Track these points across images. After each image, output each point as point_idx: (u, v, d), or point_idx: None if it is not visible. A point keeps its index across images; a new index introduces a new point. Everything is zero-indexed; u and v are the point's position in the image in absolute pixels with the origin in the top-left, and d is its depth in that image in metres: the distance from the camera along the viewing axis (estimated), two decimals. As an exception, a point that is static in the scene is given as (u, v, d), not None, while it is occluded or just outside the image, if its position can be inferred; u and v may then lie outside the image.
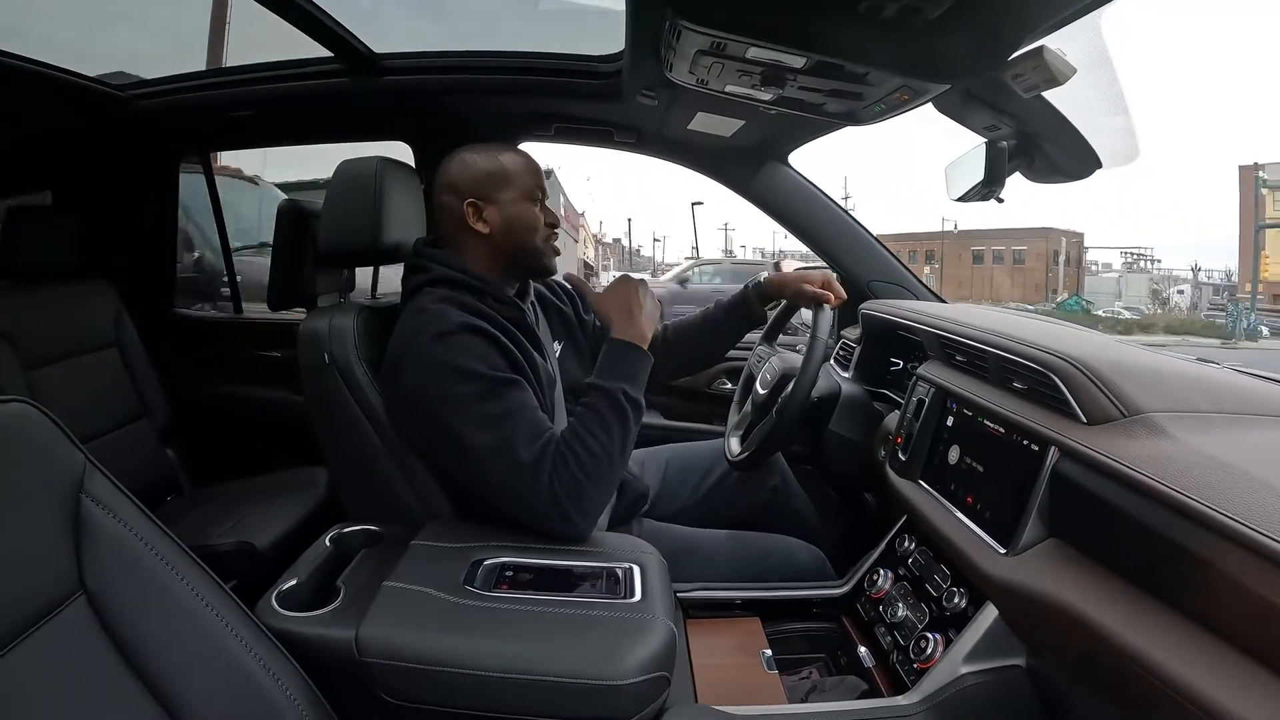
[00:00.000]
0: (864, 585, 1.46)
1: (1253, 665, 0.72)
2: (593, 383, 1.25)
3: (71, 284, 2.14)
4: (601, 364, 1.27)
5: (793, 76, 1.25)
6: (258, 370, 2.52)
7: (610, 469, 1.19)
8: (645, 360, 1.29)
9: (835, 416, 1.66)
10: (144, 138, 2.35)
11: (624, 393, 1.22)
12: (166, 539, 0.79)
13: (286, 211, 1.59)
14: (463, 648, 0.95)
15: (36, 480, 0.71)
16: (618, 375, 1.24)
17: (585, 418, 1.21)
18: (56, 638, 0.68)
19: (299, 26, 1.63)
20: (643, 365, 1.28)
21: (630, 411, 1.22)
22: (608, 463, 1.19)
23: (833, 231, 2.15)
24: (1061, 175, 1.43)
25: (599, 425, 1.20)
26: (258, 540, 1.80)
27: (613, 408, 1.21)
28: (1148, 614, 0.84)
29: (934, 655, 1.18)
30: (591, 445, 1.17)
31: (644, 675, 0.92)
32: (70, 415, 0.78)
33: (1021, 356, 1.19)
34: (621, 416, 1.21)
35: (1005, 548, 1.09)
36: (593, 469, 1.17)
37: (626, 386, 1.23)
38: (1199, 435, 0.95)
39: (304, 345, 1.33)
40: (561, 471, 1.15)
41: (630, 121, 2.04)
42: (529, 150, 1.42)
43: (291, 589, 1.09)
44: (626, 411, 1.22)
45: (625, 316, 1.32)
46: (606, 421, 1.20)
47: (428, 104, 2.07)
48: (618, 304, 1.34)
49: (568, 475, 1.15)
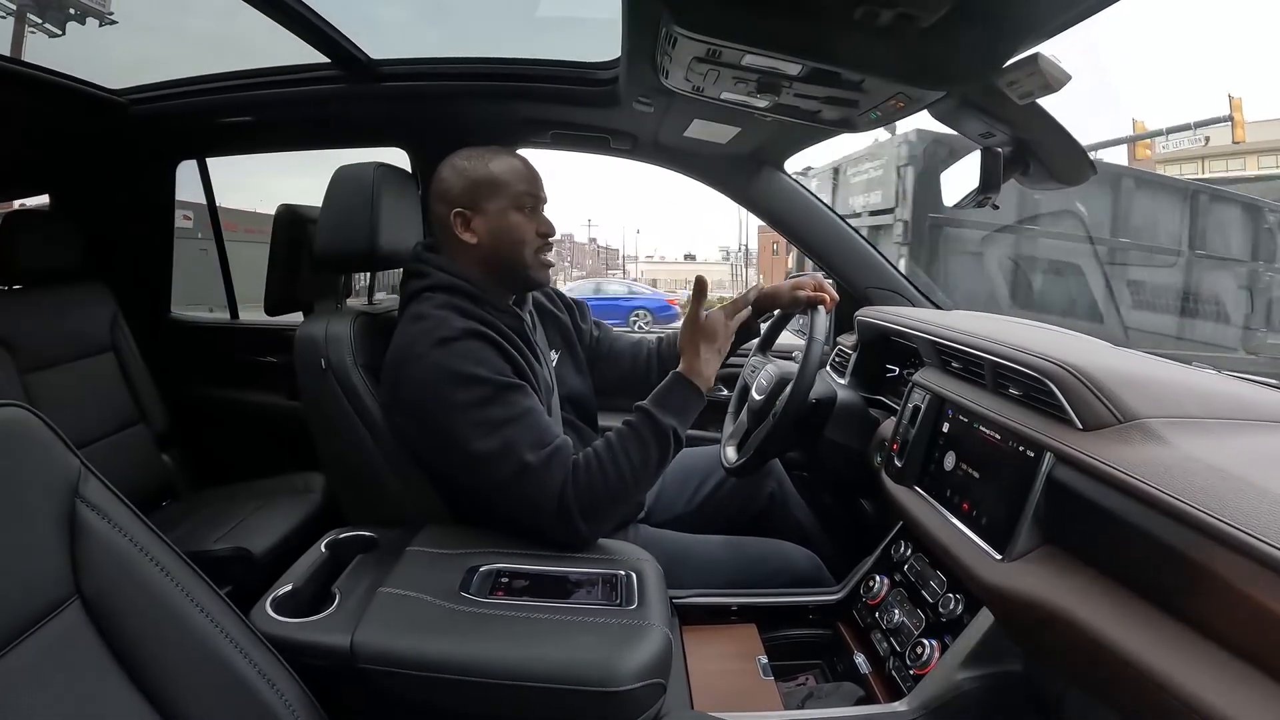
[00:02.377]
0: (860, 591, 1.46)
1: (1247, 669, 0.72)
2: (647, 409, 1.26)
3: (68, 288, 2.14)
4: (662, 394, 1.29)
5: (788, 84, 1.26)
6: (254, 376, 2.52)
7: (634, 492, 1.22)
8: (701, 404, 1.31)
9: (831, 423, 1.66)
10: (142, 142, 2.35)
11: (674, 430, 1.25)
12: (162, 544, 0.79)
13: (283, 217, 1.59)
14: (458, 653, 0.94)
15: (31, 485, 0.70)
16: (673, 412, 1.27)
17: (627, 437, 1.22)
18: (51, 642, 0.67)
19: (297, 33, 1.63)
20: (697, 408, 1.31)
21: (672, 447, 1.25)
22: (633, 486, 1.21)
23: (829, 238, 2.16)
24: (1056, 181, 1.43)
25: (638, 449, 1.22)
26: (254, 546, 1.79)
27: (657, 438, 1.23)
28: (1143, 619, 0.84)
29: (930, 661, 1.18)
30: (623, 465, 1.19)
31: (640, 682, 0.92)
32: (66, 420, 0.77)
33: (1017, 363, 1.20)
34: (663, 449, 1.24)
35: (1001, 554, 1.09)
36: (617, 487, 1.18)
37: (677, 424, 1.26)
38: (1195, 441, 0.95)
39: (300, 351, 1.33)
40: (581, 478, 1.17)
41: (627, 128, 2.04)
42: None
43: (287, 594, 1.08)
44: (669, 446, 1.25)
45: (696, 356, 1.33)
46: (647, 448, 1.22)
47: (425, 110, 2.07)
48: (704, 338, 1.35)
49: (587, 484, 1.17)
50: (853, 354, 1.95)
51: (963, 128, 1.40)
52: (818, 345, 1.47)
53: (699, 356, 1.33)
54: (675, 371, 1.32)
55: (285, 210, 1.61)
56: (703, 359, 1.33)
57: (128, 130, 2.21)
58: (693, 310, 1.37)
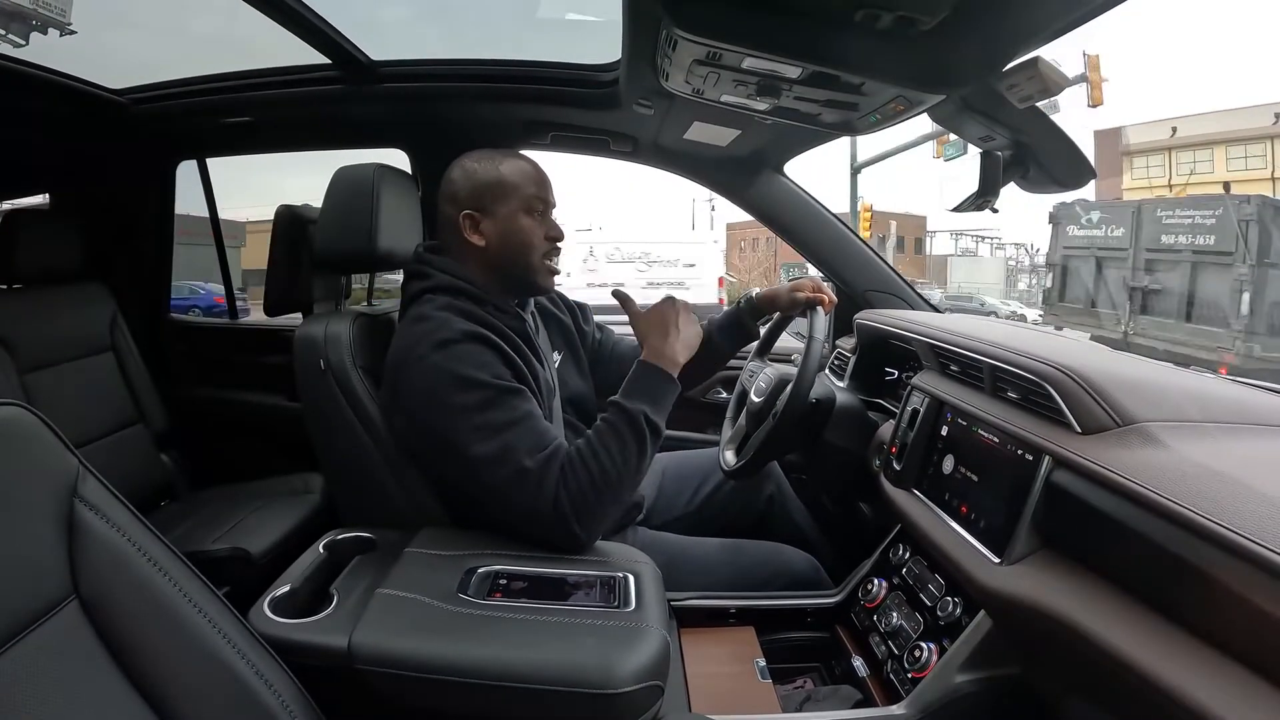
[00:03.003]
0: (858, 594, 1.46)
1: (1247, 673, 0.72)
2: (615, 401, 1.25)
3: (67, 288, 2.14)
4: (628, 384, 1.27)
5: (788, 86, 1.26)
6: (254, 376, 2.51)
7: (620, 488, 1.20)
8: (672, 386, 1.29)
9: (830, 425, 1.66)
10: (142, 142, 2.35)
11: (645, 416, 1.22)
12: (160, 544, 0.79)
13: (283, 218, 1.59)
14: (456, 655, 0.94)
15: (30, 484, 0.70)
16: (642, 397, 1.24)
17: (603, 434, 1.21)
18: (49, 642, 0.67)
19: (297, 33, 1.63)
20: (668, 391, 1.28)
21: (649, 435, 1.22)
22: (618, 481, 1.19)
23: (829, 241, 2.16)
24: (1056, 185, 1.43)
25: (615, 443, 1.20)
26: (252, 546, 1.79)
27: (631, 428, 1.21)
28: (1142, 623, 0.84)
29: (928, 664, 1.18)
30: (604, 461, 1.18)
31: (638, 684, 0.92)
32: (65, 420, 0.77)
33: (1015, 366, 1.20)
34: (639, 438, 1.21)
35: (999, 557, 1.09)
36: (603, 485, 1.17)
37: (648, 410, 1.23)
38: (1193, 444, 0.95)
39: (300, 352, 1.33)
40: (570, 482, 1.15)
41: (627, 130, 2.05)
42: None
43: (285, 595, 1.08)
44: (645, 434, 1.22)
45: (660, 339, 1.32)
46: (624, 440, 1.20)
47: (425, 111, 2.08)
48: (655, 325, 1.34)
49: (576, 486, 1.15)
50: (851, 357, 1.95)
51: (962, 131, 1.41)
52: (817, 345, 1.46)
53: (659, 339, 1.32)
54: (638, 359, 1.30)
55: (285, 211, 1.61)
56: (666, 341, 1.32)
57: (128, 130, 2.21)
58: (630, 313, 1.41)
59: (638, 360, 1.30)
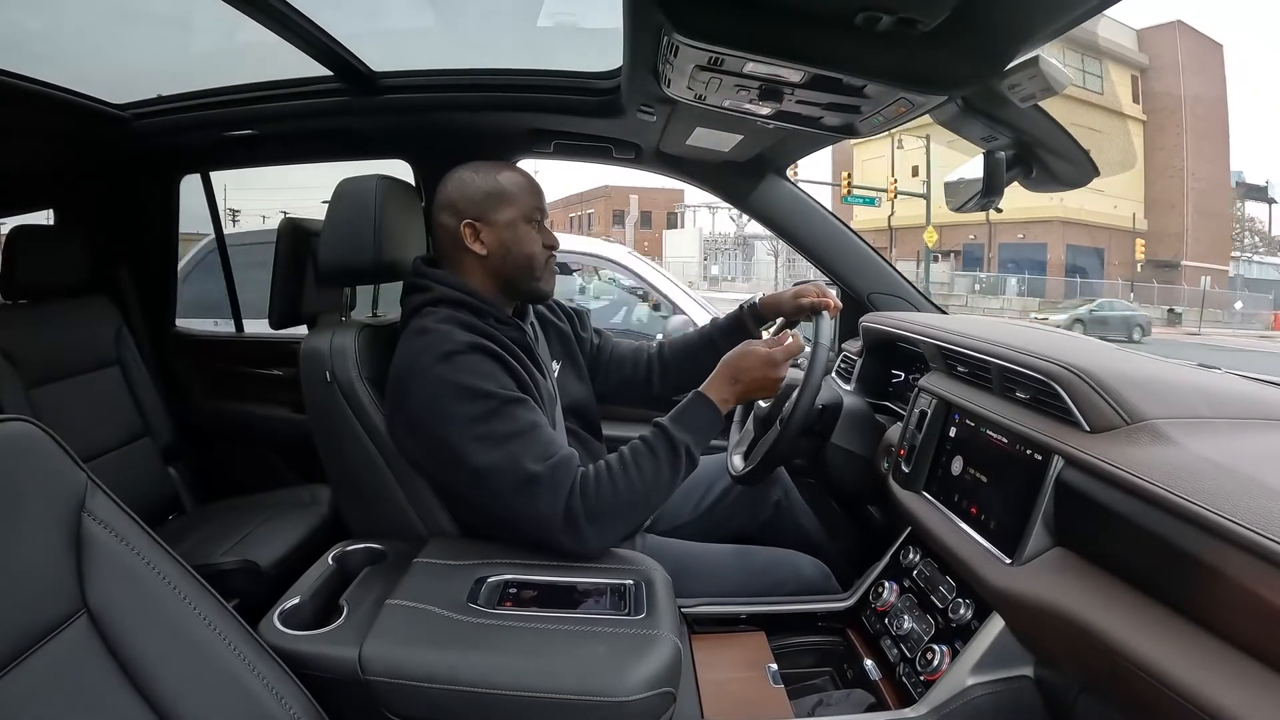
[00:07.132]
0: (869, 598, 1.45)
1: (1263, 671, 0.71)
2: (663, 425, 1.26)
3: (73, 303, 2.14)
4: (680, 411, 1.28)
5: (790, 90, 1.26)
6: (260, 388, 2.52)
7: (643, 507, 1.22)
8: (719, 425, 1.30)
9: (837, 429, 1.66)
10: (145, 157, 2.36)
11: (687, 448, 1.24)
12: (169, 558, 0.79)
13: (287, 230, 1.59)
14: (467, 665, 0.94)
15: (38, 499, 0.71)
16: (690, 429, 1.26)
17: (640, 452, 1.22)
18: (58, 656, 0.67)
19: (299, 45, 1.64)
20: (714, 429, 1.29)
21: (685, 466, 1.24)
22: (643, 499, 1.21)
23: (832, 245, 2.15)
24: (1060, 184, 1.43)
25: (650, 464, 1.21)
26: (261, 559, 1.79)
27: (670, 455, 1.22)
28: (1155, 621, 0.83)
29: (941, 667, 1.17)
30: (634, 476, 1.19)
31: (650, 691, 0.92)
32: (72, 434, 0.78)
33: (1023, 366, 1.19)
34: (675, 466, 1.23)
35: (1010, 558, 1.09)
36: (626, 499, 1.18)
37: (691, 442, 1.25)
38: (1203, 441, 0.95)
39: (305, 364, 1.33)
40: (590, 489, 1.16)
41: (629, 137, 2.05)
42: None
43: (294, 607, 1.08)
44: (681, 464, 1.24)
45: (726, 380, 1.32)
46: (659, 465, 1.22)
47: (427, 122, 2.08)
48: (729, 365, 1.33)
49: (596, 495, 1.16)
50: (858, 360, 1.95)
51: (965, 131, 1.40)
52: (823, 350, 1.46)
53: (726, 379, 1.32)
54: (697, 390, 1.31)
55: (289, 223, 1.61)
56: (732, 388, 1.31)
57: (131, 145, 2.22)
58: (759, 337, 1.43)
59: (697, 390, 1.31)
